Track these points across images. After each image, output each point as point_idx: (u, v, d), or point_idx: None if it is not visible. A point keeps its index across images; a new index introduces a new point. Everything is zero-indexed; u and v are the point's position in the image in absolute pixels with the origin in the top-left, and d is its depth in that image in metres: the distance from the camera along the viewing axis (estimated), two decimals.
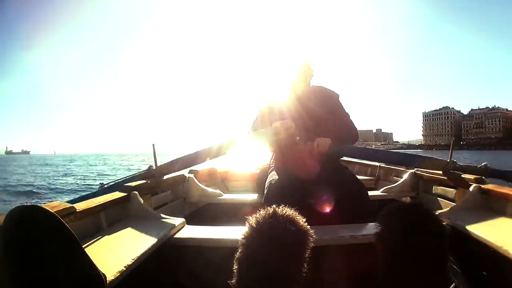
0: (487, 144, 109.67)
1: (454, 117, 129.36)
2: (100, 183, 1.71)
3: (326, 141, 1.64)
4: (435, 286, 0.73)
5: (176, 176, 2.04)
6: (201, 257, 1.31)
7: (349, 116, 1.88)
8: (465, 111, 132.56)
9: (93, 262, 0.75)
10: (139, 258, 1.03)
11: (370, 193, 2.08)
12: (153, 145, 1.79)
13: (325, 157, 1.67)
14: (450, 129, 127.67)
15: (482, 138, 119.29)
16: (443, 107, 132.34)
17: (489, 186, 1.48)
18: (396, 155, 2.09)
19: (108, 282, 0.81)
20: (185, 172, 2.19)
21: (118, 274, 0.90)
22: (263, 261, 0.68)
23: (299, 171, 1.68)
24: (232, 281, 0.72)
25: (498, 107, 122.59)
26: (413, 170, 2.25)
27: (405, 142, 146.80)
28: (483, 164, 1.62)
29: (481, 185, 1.51)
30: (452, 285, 0.89)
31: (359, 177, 2.14)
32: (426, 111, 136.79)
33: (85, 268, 0.73)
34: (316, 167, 1.68)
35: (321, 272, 1.24)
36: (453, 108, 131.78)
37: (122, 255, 1.02)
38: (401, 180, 2.28)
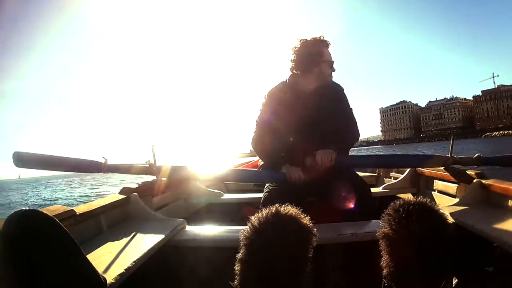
0: (448, 135, 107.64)
1: (412, 110, 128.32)
2: (104, 158, 1.63)
3: (330, 154, 1.57)
4: (439, 282, 0.72)
5: (176, 176, 1.98)
6: (202, 257, 1.30)
7: (352, 112, 1.80)
8: (423, 104, 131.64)
9: (93, 266, 0.74)
10: (139, 260, 1.03)
11: (371, 190, 2.01)
12: (152, 146, 1.73)
13: (329, 170, 1.60)
14: (409, 122, 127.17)
15: (442, 129, 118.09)
16: (400, 101, 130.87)
17: (490, 181, 1.47)
18: (398, 159, 2.03)
19: (108, 285, 0.81)
20: (185, 172, 2.15)
21: (119, 277, 0.89)
22: (265, 261, 0.67)
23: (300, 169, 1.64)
24: (234, 282, 0.71)
25: (456, 97, 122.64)
26: (415, 167, 2.23)
27: (364, 139, 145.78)
28: (476, 155, 1.64)
29: (482, 180, 1.51)
30: (455, 281, 0.96)
31: (360, 174, 2.16)
32: (383, 107, 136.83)
33: (85, 272, 0.72)
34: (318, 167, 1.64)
35: (323, 270, 1.22)
36: (410, 101, 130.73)
37: (122, 258, 1.02)
38: (402, 176, 2.27)
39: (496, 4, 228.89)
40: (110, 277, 0.86)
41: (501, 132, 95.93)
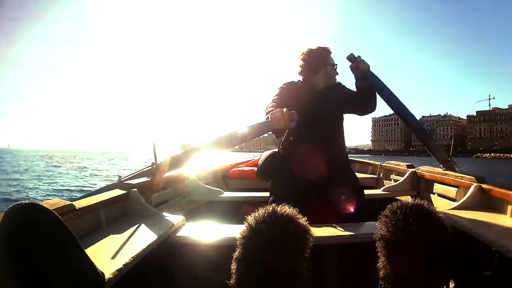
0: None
1: (404, 123, 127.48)
2: (118, 176, 1.67)
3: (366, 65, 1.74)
4: (436, 285, 0.73)
5: (177, 173, 2.02)
6: (201, 255, 1.31)
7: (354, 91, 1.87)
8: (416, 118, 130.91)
9: (91, 261, 0.75)
10: (138, 256, 1.03)
11: (371, 191, 2.18)
12: (153, 144, 1.75)
13: (332, 158, 1.67)
14: (400, 135, 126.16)
15: None
16: (393, 113, 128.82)
17: (490, 186, 1.50)
18: (413, 119, 2.01)
19: (106, 280, 0.81)
20: (185, 169, 2.15)
21: (117, 272, 0.90)
22: (261, 261, 0.67)
23: (301, 170, 1.66)
24: (231, 281, 0.71)
25: (450, 115, 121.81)
26: (413, 169, 2.28)
27: (353, 147, 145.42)
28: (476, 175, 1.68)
29: (481, 185, 1.53)
30: (453, 285, 0.98)
31: (360, 175, 2.40)
32: (376, 117, 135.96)
33: (83, 267, 0.73)
34: (321, 167, 1.66)
35: (321, 270, 1.28)
36: None
37: (121, 253, 1.02)
38: (402, 179, 2.29)
39: (500, 27, 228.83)
40: (108, 272, 0.86)
41: (492, 154, 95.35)
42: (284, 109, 1.47)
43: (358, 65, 1.74)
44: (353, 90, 1.86)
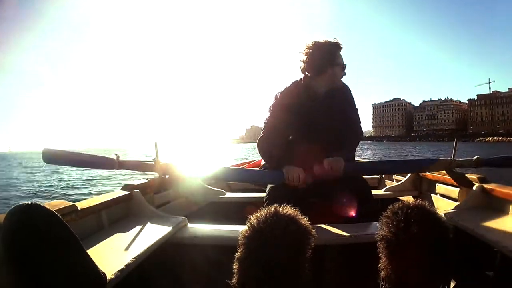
0: (440, 136, 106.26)
1: (405, 108, 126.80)
2: (116, 155, 1.71)
3: (339, 162, 1.52)
4: (437, 285, 0.73)
5: (179, 174, 1.96)
6: (203, 256, 1.30)
7: (358, 112, 1.78)
8: (417, 103, 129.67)
9: (93, 261, 0.75)
10: (140, 256, 1.03)
11: (373, 192, 2.06)
12: (156, 143, 1.74)
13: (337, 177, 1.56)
14: (401, 120, 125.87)
15: (434, 129, 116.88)
16: (394, 98, 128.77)
17: (492, 186, 1.48)
18: (405, 164, 2.12)
19: (108, 280, 0.82)
20: (187, 170, 2.06)
21: (119, 273, 0.90)
22: (263, 261, 0.67)
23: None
24: (232, 281, 0.72)
25: (451, 99, 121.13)
26: (419, 171, 2.23)
27: None
28: (475, 157, 1.66)
29: (484, 185, 1.51)
30: (453, 284, 0.98)
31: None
32: (376, 103, 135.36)
33: (85, 267, 0.73)
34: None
35: (322, 271, 1.27)
36: (404, 99, 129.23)
37: (123, 254, 1.02)
38: (404, 179, 2.27)
39: (498, 11, 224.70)
40: (110, 272, 0.86)
41: (495, 138, 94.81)
42: (301, 173, 1.51)
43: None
44: (354, 105, 1.76)
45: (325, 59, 1.60)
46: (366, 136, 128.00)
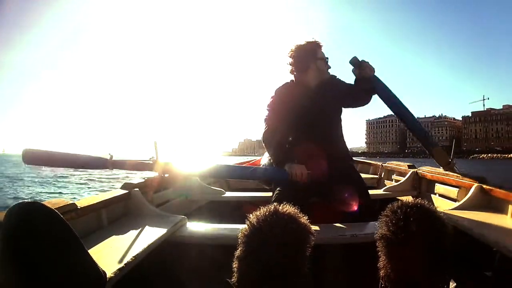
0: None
1: (399, 125, 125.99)
2: (110, 154, 1.68)
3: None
4: (436, 285, 0.73)
5: (178, 173, 1.99)
6: (202, 254, 1.32)
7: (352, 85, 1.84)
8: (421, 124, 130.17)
9: (93, 260, 0.75)
10: (140, 255, 1.03)
11: (372, 192, 2.13)
12: (155, 142, 1.73)
13: (334, 157, 1.65)
14: (395, 137, 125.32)
15: None
16: (388, 115, 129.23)
17: (490, 186, 1.50)
18: (413, 120, 2.00)
19: (108, 279, 0.82)
20: (187, 169, 2.08)
21: (119, 271, 0.90)
22: (262, 259, 0.67)
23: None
24: (232, 279, 0.72)
25: (445, 116, 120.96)
26: (415, 170, 2.28)
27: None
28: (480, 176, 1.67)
29: (482, 185, 1.53)
30: (453, 285, 0.97)
31: (361, 175, 2.18)
32: (370, 119, 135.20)
33: (85, 266, 0.73)
34: (323, 166, 1.65)
35: (322, 270, 1.24)
36: None
37: (123, 253, 1.02)
38: (403, 179, 2.29)
39: (492, 28, 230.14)
40: (110, 271, 0.87)
41: (489, 154, 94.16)
42: (303, 170, 1.54)
43: (362, 71, 1.68)
44: (349, 83, 1.82)
45: (308, 56, 1.74)
46: (359, 152, 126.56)
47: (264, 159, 1.94)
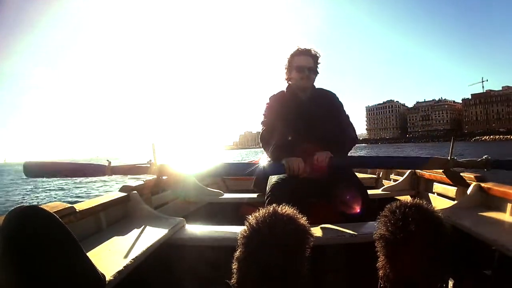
0: (435, 136, 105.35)
1: (399, 110, 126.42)
2: (108, 160, 1.71)
3: (326, 155, 1.61)
4: (435, 284, 0.74)
5: (176, 175, 2.00)
6: (201, 256, 1.31)
7: (349, 118, 1.87)
8: (410, 105, 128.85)
9: (92, 263, 0.75)
10: (138, 258, 1.03)
11: (371, 191, 2.12)
12: (153, 144, 1.73)
13: (325, 170, 1.63)
14: (395, 122, 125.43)
15: (429, 130, 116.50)
16: (387, 100, 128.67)
17: (489, 185, 1.48)
18: (396, 160, 2.06)
19: (107, 281, 0.82)
20: (185, 171, 2.09)
21: (118, 274, 0.90)
22: (261, 260, 0.68)
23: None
24: (232, 281, 0.72)
25: (445, 99, 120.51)
26: (413, 169, 2.25)
27: None
28: (484, 157, 1.61)
29: (481, 184, 1.52)
30: (451, 283, 0.98)
31: (360, 175, 2.32)
32: (370, 105, 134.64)
33: (84, 269, 0.73)
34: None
35: (321, 270, 1.26)
36: (397, 101, 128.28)
37: (121, 255, 1.02)
38: (401, 178, 2.29)
39: (490, 10, 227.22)
40: (109, 274, 0.87)
41: (491, 136, 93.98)
42: (300, 163, 1.57)
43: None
44: (344, 111, 1.86)
45: (288, 65, 1.81)
46: (361, 139, 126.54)
47: (263, 161, 1.93)
